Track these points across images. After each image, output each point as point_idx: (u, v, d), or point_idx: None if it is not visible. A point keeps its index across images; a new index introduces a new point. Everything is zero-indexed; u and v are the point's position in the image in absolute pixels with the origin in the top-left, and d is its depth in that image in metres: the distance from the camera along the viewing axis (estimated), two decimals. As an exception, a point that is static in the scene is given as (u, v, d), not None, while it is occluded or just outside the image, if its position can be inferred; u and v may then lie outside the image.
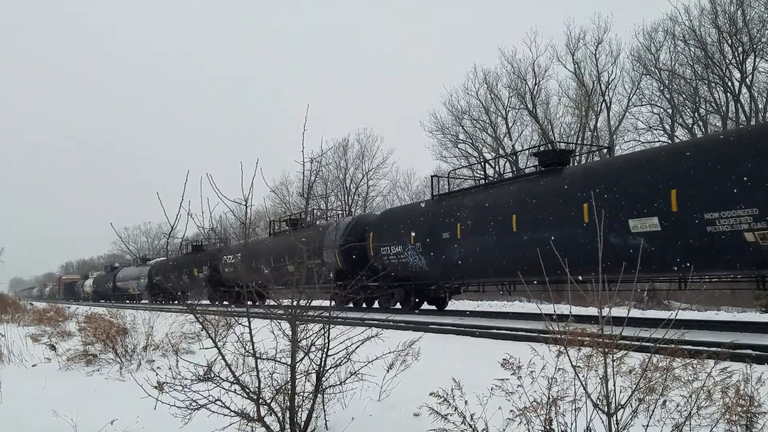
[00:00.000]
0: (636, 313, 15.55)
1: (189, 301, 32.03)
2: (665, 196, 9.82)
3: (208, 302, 29.49)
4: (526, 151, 16.09)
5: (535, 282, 11.94)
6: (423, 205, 17.58)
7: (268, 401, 4.02)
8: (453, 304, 21.77)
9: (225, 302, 27.50)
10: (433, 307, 19.14)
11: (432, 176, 17.90)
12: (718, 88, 30.52)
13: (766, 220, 8.56)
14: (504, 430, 3.42)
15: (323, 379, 4.31)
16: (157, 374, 4.50)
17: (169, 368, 4.22)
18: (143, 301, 40.72)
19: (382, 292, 18.42)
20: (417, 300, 18.54)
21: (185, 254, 34.96)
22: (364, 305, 19.99)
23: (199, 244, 33.77)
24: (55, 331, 12.30)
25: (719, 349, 3.58)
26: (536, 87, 37.72)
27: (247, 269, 24.26)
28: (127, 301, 43.88)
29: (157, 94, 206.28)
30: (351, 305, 18.18)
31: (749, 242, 8.81)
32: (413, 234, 16.14)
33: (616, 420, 3.16)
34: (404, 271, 16.72)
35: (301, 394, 4.18)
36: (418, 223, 16.37)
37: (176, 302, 33.45)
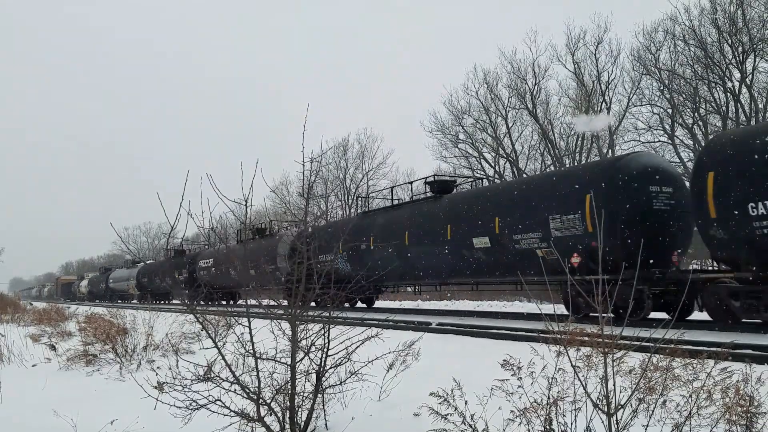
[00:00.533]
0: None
1: (174, 300, 36.22)
2: (492, 222, 13.42)
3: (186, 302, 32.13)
4: (421, 180, 20.39)
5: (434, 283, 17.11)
6: (350, 220, 21.50)
7: (268, 401, 4.02)
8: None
9: (201, 302, 29.54)
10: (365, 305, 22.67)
11: (357, 196, 21.66)
12: (718, 88, 30.52)
13: (547, 242, 12.07)
14: (504, 430, 3.42)
15: (323, 379, 4.32)
16: (157, 374, 4.50)
17: (169, 368, 4.22)
18: (133, 301, 43.68)
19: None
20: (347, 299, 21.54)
21: (168, 258, 38.42)
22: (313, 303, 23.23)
23: (181, 248, 36.37)
24: (55, 331, 12.30)
25: (719, 349, 3.58)
26: (536, 87, 37.75)
27: (217, 273, 28.33)
28: (119, 301, 46.61)
29: (157, 94, 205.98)
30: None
31: (540, 256, 12.29)
32: (341, 244, 18.84)
33: (616, 420, 3.16)
34: (336, 275, 18.03)
35: (301, 394, 4.18)
36: (347, 235, 19.63)
37: (162, 301, 37.43)
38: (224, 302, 28.37)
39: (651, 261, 10.69)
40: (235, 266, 24.64)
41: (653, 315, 10.90)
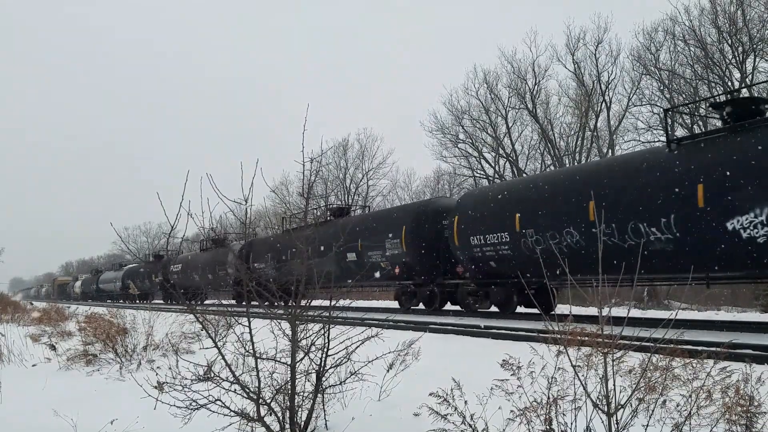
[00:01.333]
0: (636, 312, 15.59)
1: (154, 300, 41.30)
2: (357, 242, 18.37)
3: (161, 301, 39.40)
4: (334, 204, 26.04)
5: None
6: (279, 236, 25.73)
7: (268, 401, 4.02)
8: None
9: (173, 302, 35.10)
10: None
11: (282, 217, 28.09)
12: (718, 88, 30.50)
13: (385, 257, 17.44)
14: (504, 430, 3.42)
15: (323, 379, 4.31)
16: (157, 374, 4.50)
17: (169, 368, 4.22)
18: (120, 300, 47.84)
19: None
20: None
21: (147, 263, 44.96)
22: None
23: (159, 254, 42.33)
24: (55, 331, 12.30)
25: (719, 349, 3.58)
26: (536, 87, 37.68)
27: (185, 276, 34.09)
28: (108, 300, 50.37)
29: (157, 94, 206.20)
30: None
31: (383, 267, 17.53)
32: (271, 255, 24.51)
33: (616, 420, 3.16)
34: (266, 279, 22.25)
35: (301, 394, 4.18)
36: (274, 248, 24.77)
37: (144, 300, 42.66)
38: (191, 301, 31.29)
39: (443, 271, 16.64)
40: (197, 270, 32.41)
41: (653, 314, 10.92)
